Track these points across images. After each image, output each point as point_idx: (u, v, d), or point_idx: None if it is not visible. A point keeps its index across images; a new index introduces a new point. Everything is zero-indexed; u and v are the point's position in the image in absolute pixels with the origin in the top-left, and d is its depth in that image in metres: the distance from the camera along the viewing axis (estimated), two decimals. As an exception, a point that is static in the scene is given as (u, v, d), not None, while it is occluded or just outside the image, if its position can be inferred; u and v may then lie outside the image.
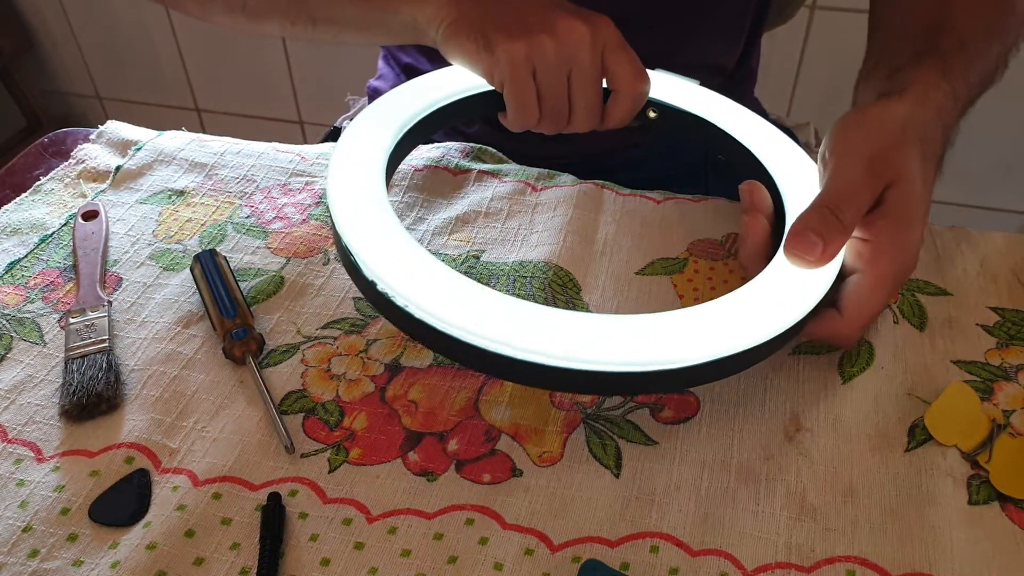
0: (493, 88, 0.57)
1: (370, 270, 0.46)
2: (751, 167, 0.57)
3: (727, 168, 0.61)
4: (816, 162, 0.54)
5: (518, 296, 0.55)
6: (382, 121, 0.57)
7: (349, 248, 0.48)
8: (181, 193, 0.65)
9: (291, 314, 0.55)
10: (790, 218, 0.51)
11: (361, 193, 0.51)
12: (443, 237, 0.60)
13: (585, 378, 0.43)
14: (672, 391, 0.49)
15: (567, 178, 0.65)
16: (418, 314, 0.44)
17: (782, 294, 0.46)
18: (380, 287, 0.46)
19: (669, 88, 0.60)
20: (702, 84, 0.61)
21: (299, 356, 0.52)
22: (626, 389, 0.48)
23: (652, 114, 0.60)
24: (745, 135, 0.58)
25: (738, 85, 0.81)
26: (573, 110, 0.56)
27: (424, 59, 0.76)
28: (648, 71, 0.57)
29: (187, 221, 0.63)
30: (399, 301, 0.45)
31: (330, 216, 0.50)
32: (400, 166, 0.65)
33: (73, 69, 1.89)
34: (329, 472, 0.46)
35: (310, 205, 0.64)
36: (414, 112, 0.58)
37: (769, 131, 0.59)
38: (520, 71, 0.54)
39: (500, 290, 0.56)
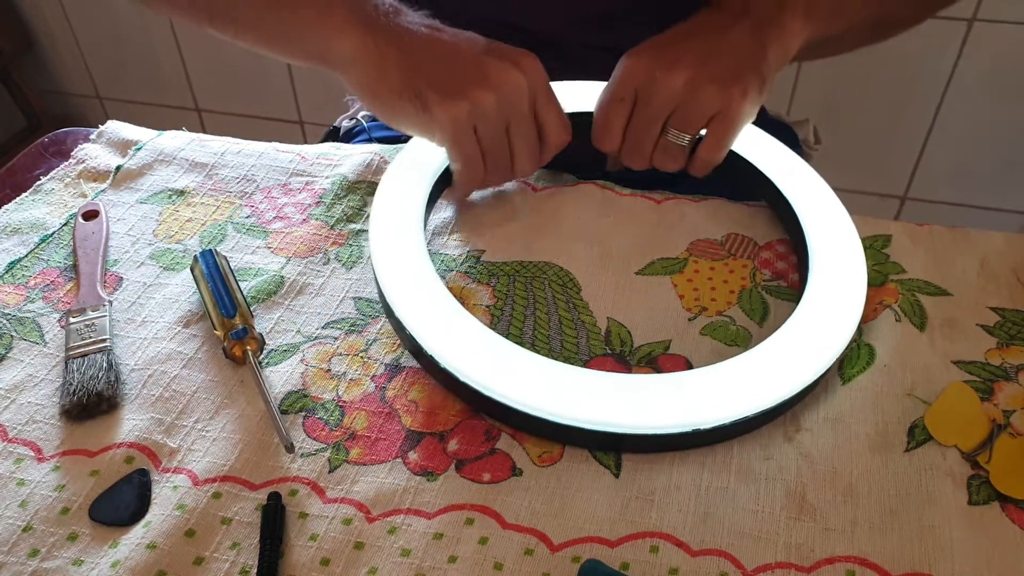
0: None
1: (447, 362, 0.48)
2: (757, 181, 0.59)
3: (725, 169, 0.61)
4: (812, 160, 0.54)
5: (517, 296, 0.55)
6: (405, 203, 0.58)
7: (419, 341, 0.49)
8: (181, 193, 0.65)
9: (291, 313, 0.55)
10: (807, 229, 0.53)
11: (416, 278, 0.52)
12: (443, 237, 0.60)
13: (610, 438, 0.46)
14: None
15: (566, 178, 0.65)
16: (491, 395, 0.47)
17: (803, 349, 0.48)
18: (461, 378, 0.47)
19: None
20: None
21: (299, 356, 0.52)
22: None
23: None
24: (755, 155, 0.60)
25: None
26: (515, 158, 0.57)
27: None
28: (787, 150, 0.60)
29: (187, 221, 0.63)
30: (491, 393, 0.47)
31: (388, 308, 0.52)
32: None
33: (73, 69, 1.89)
34: (329, 472, 0.46)
35: (310, 205, 0.64)
36: (430, 178, 0.59)
37: (771, 145, 0.59)
38: (462, 132, 0.53)
39: (500, 290, 0.56)
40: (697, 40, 0.55)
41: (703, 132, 0.56)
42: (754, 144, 0.61)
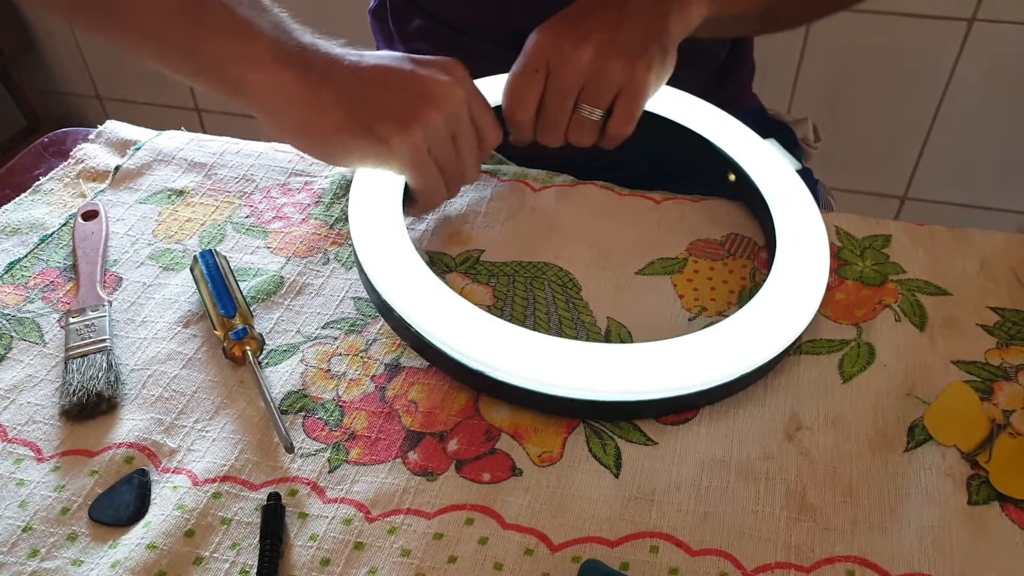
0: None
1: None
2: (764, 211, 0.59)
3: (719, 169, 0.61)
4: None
5: (517, 296, 0.55)
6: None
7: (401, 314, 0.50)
8: (180, 193, 0.65)
9: (291, 313, 0.55)
10: (778, 259, 0.53)
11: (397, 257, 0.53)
12: (442, 237, 0.60)
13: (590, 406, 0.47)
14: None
15: (566, 178, 0.65)
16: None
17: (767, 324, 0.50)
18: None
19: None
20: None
21: (299, 356, 0.52)
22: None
23: (732, 177, 0.61)
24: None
25: (734, 76, 0.81)
26: (464, 168, 0.57)
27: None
28: (760, 139, 0.61)
29: (187, 221, 0.63)
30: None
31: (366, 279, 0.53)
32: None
33: (73, 69, 1.89)
34: (329, 472, 0.46)
35: (309, 205, 0.64)
36: None
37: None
38: (421, 157, 0.53)
39: (500, 290, 0.56)
40: (602, 14, 0.57)
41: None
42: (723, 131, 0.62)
